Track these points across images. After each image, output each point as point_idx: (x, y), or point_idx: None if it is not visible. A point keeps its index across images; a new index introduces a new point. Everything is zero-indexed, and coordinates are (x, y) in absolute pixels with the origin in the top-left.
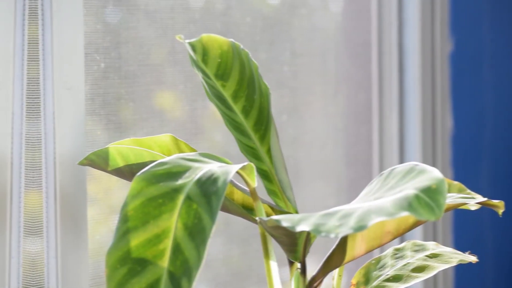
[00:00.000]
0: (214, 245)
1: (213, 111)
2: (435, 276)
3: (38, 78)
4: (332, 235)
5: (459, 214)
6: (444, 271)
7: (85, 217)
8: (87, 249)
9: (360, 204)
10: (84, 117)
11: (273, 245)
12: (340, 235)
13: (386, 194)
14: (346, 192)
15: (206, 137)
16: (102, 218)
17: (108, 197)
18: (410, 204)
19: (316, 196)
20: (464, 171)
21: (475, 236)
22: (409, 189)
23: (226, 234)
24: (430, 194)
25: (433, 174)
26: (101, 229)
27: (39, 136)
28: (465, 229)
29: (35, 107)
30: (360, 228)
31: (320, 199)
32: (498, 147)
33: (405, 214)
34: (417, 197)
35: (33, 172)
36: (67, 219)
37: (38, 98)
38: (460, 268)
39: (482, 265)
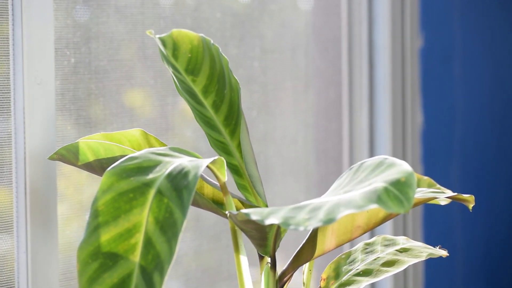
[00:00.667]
0: (184, 241)
1: (183, 107)
2: (405, 271)
3: (9, 73)
4: (301, 228)
5: (429, 209)
6: (414, 265)
7: (55, 213)
8: (57, 244)
9: (329, 198)
10: (55, 112)
11: (244, 240)
12: (309, 228)
13: (355, 187)
14: (316, 188)
15: (176, 133)
16: (72, 213)
17: (78, 193)
18: (379, 197)
19: (286, 192)
20: (434, 167)
21: (445, 231)
22: (378, 182)
23: (196, 230)
24: (399, 187)
25: (402, 168)
26: (71, 224)
27: (9, 131)
28: (435, 224)
29: (5, 102)
30: (329, 221)
31: (290, 195)
32: (468, 143)
33: (374, 206)
34: (386, 190)
35: (2, 168)
36: (37, 215)
37: (8, 93)
38: (430, 263)
39: (452, 259)
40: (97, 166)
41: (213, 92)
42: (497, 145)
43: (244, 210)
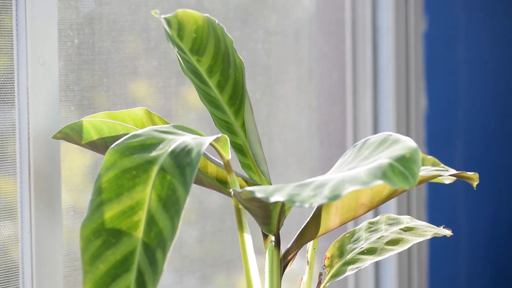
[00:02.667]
0: (188, 223)
1: (187, 90)
2: (409, 250)
3: (12, 54)
4: (307, 205)
5: (433, 188)
6: (419, 244)
7: (59, 193)
8: (62, 225)
9: (334, 175)
10: (58, 93)
11: (248, 219)
12: (315, 205)
13: (360, 164)
14: (320, 171)
15: (179, 115)
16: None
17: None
18: (384, 173)
19: (289, 175)
20: (438, 150)
21: (449, 211)
22: (383, 158)
23: (200, 212)
24: (404, 163)
25: (407, 144)
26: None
27: (12, 112)
28: (439, 204)
29: (8, 83)
30: (334, 197)
31: (293, 178)
32: (472, 126)
33: (379, 183)
34: (391, 166)
35: (6, 149)
36: (41, 195)
37: (12, 74)
38: (434, 242)
39: (456, 239)
40: (101, 145)
41: (218, 72)
42: (501, 129)
43: (248, 188)
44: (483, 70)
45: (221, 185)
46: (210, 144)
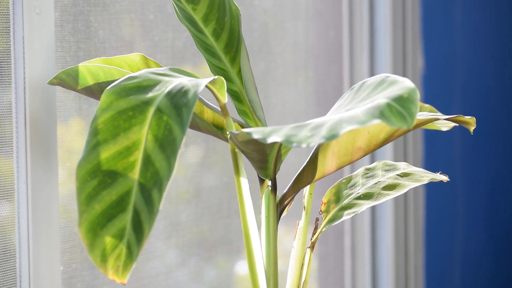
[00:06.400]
0: (188, 179)
1: (183, 43)
2: (406, 197)
3: (8, 2)
4: (304, 145)
5: (430, 136)
6: (415, 190)
7: (54, 141)
8: (57, 172)
9: (331, 116)
10: (54, 43)
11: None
12: (312, 145)
13: (357, 105)
14: None
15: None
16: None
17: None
18: (381, 112)
19: None
20: None
21: (446, 159)
22: (381, 98)
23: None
24: (402, 102)
25: (404, 84)
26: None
27: (8, 60)
28: (436, 151)
29: (4, 32)
30: (332, 137)
31: None
32: (468, 86)
33: (376, 122)
34: (388, 105)
35: (2, 97)
36: (37, 143)
37: (8, 23)
38: (431, 188)
39: (453, 185)
40: (97, 90)
41: (214, 20)
42: (497, 89)
43: (245, 129)
44: (480, 30)
45: (217, 130)
46: (207, 87)
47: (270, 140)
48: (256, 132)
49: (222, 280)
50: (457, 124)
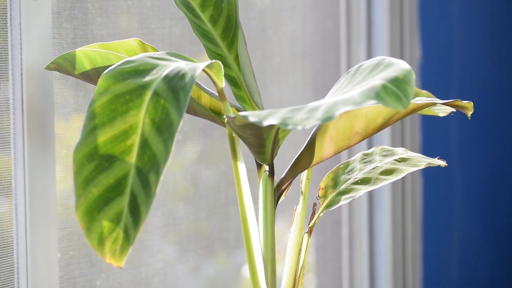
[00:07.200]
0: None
1: (181, 30)
2: (403, 187)
3: None
4: (300, 127)
5: (427, 122)
6: (412, 175)
7: (52, 127)
8: (54, 159)
9: (327, 99)
10: (51, 30)
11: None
12: (307, 127)
13: (354, 88)
14: None
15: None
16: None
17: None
18: (377, 93)
19: None
20: None
21: (443, 145)
22: (376, 80)
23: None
24: (397, 84)
25: (400, 66)
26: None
27: (5, 47)
28: (433, 137)
29: (1, 18)
30: (327, 118)
31: None
32: (466, 77)
33: (372, 103)
34: (384, 87)
35: None
36: (34, 130)
37: (5, 9)
38: (428, 173)
39: (450, 171)
40: (94, 75)
41: (211, 6)
42: (495, 78)
43: (242, 113)
44: (477, 20)
45: (215, 115)
46: (204, 71)
47: (266, 122)
48: (253, 115)
49: (220, 271)
50: (454, 110)
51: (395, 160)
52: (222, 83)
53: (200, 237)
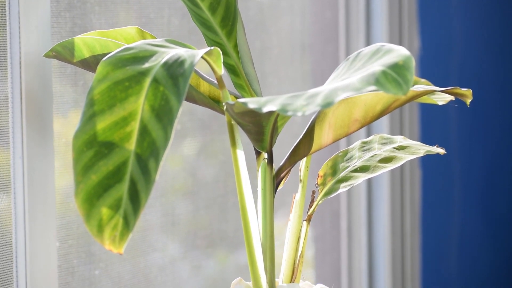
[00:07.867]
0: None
1: (180, 20)
2: (402, 177)
3: None
4: (299, 113)
5: (426, 111)
6: (411, 163)
7: (50, 116)
8: (53, 147)
9: (327, 86)
10: (50, 19)
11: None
12: (307, 113)
13: (353, 75)
14: None
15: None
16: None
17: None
18: (377, 79)
19: None
20: None
21: (442, 133)
22: (376, 66)
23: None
24: (397, 70)
25: (400, 52)
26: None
27: (4, 36)
28: (432, 126)
29: (0, 7)
30: (327, 104)
31: None
32: (465, 68)
33: (371, 88)
34: (384, 73)
35: None
36: (33, 118)
37: None
38: (427, 161)
39: (449, 158)
40: (93, 63)
41: None
42: (494, 69)
43: (241, 100)
44: (476, 11)
45: (214, 102)
46: (203, 58)
47: (265, 109)
48: (252, 102)
49: (220, 267)
50: (453, 98)
51: (394, 148)
52: (221, 70)
53: (199, 228)
